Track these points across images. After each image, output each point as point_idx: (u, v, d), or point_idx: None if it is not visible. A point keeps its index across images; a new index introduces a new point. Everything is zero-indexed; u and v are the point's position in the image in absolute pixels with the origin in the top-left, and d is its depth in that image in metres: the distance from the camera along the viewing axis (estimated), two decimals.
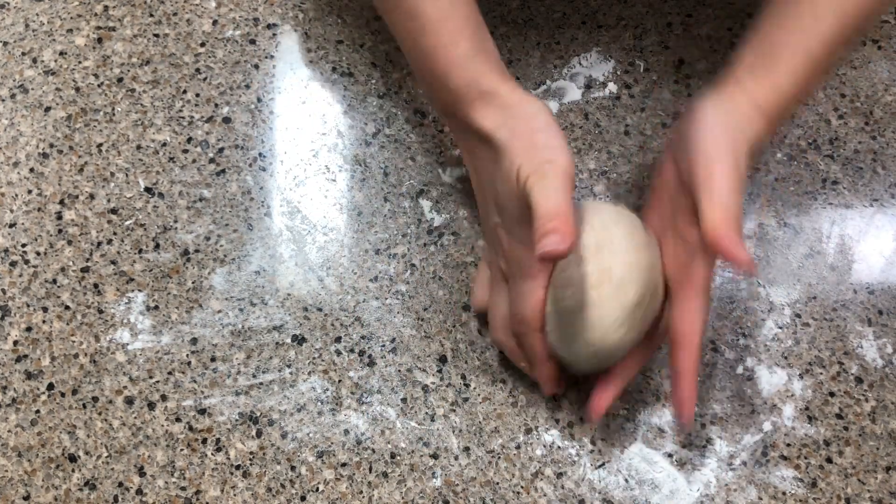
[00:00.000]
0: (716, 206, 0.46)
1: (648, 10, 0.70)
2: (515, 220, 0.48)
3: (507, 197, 0.48)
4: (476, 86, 0.49)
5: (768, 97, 0.50)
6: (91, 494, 0.53)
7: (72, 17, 0.68)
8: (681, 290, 0.50)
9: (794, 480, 0.55)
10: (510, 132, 0.48)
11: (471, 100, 0.49)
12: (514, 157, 0.47)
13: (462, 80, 0.50)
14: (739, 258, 0.45)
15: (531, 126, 0.48)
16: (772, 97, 0.50)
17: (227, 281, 0.59)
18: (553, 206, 0.45)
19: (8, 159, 0.62)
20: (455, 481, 0.54)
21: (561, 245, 0.44)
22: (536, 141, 0.48)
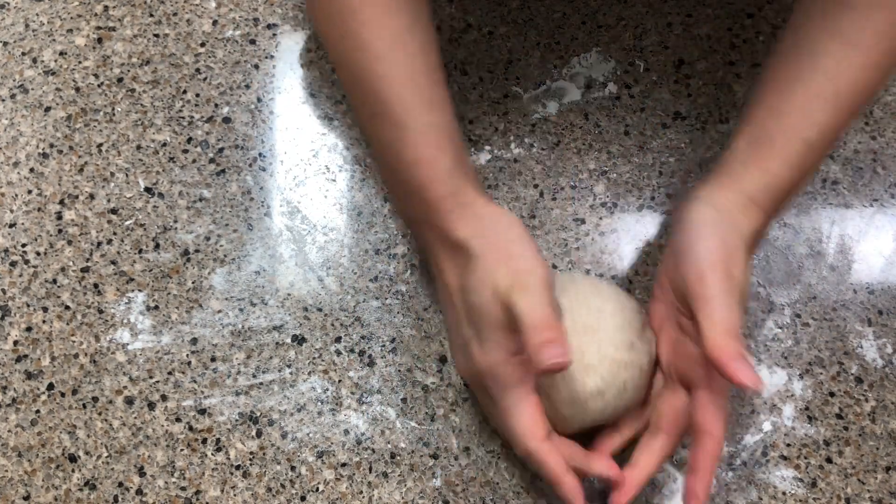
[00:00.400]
0: (713, 325, 0.45)
1: (648, 10, 0.70)
2: (491, 329, 0.47)
3: (482, 306, 0.47)
4: (454, 198, 0.49)
5: (762, 189, 0.49)
6: (91, 494, 0.53)
7: (72, 17, 0.68)
8: (702, 386, 0.48)
9: (794, 480, 0.55)
10: (486, 242, 0.48)
11: (447, 211, 0.49)
12: (490, 266, 0.47)
13: (441, 193, 0.49)
14: (744, 382, 0.43)
15: (506, 237, 0.48)
16: (766, 188, 0.49)
17: (227, 281, 0.59)
18: (542, 317, 0.44)
19: (8, 159, 0.62)
20: (455, 481, 0.54)
21: (564, 358, 0.43)
22: (512, 251, 0.47)
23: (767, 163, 0.49)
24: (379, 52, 0.49)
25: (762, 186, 0.49)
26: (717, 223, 0.48)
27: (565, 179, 0.63)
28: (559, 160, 0.64)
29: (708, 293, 0.45)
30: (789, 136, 0.49)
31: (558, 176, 0.63)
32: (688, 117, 0.66)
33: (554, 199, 0.62)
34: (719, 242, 0.47)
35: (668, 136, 0.65)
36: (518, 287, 0.45)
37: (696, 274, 0.46)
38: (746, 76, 0.67)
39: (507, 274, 0.46)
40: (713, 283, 0.46)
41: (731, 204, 0.48)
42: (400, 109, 0.49)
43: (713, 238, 0.47)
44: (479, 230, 0.48)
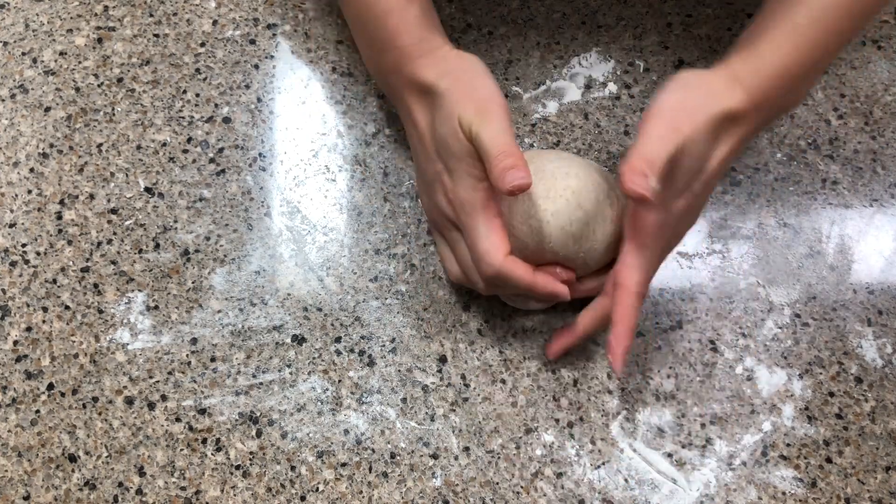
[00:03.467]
0: (631, 151, 0.47)
1: (648, 10, 0.70)
2: (457, 159, 0.51)
3: (449, 138, 0.51)
4: (422, 44, 0.53)
5: (748, 68, 0.50)
6: (91, 494, 0.53)
7: (72, 17, 0.68)
8: (627, 241, 0.51)
9: (793, 480, 0.55)
10: (451, 80, 0.52)
11: (416, 56, 0.53)
12: (455, 100, 0.51)
13: (409, 40, 0.54)
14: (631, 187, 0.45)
15: (470, 74, 0.52)
16: (752, 68, 0.50)
17: (227, 281, 0.59)
18: (504, 143, 0.48)
19: (8, 159, 0.62)
20: (455, 481, 0.54)
21: (526, 179, 0.47)
22: (476, 86, 0.51)
23: (756, 46, 0.51)
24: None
25: (747, 66, 0.50)
26: (687, 86, 0.50)
27: None
28: None
29: (645, 131, 0.48)
30: (777, 20, 0.51)
31: None
32: None
33: None
34: (678, 99, 0.49)
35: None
36: (480, 116, 0.49)
37: (645, 118, 0.49)
38: None
39: (471, 105, 0.50)
40: (653, 125, 0.48)
41: (713, 80, 0.50)
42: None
43: (677, 95, 0.49)
44: (445, 71, 0.52)
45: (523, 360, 0.58)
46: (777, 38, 0.50)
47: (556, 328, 0.57)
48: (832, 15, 0.50)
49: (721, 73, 0.50)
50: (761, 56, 0.50)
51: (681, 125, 0.48)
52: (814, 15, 0.50)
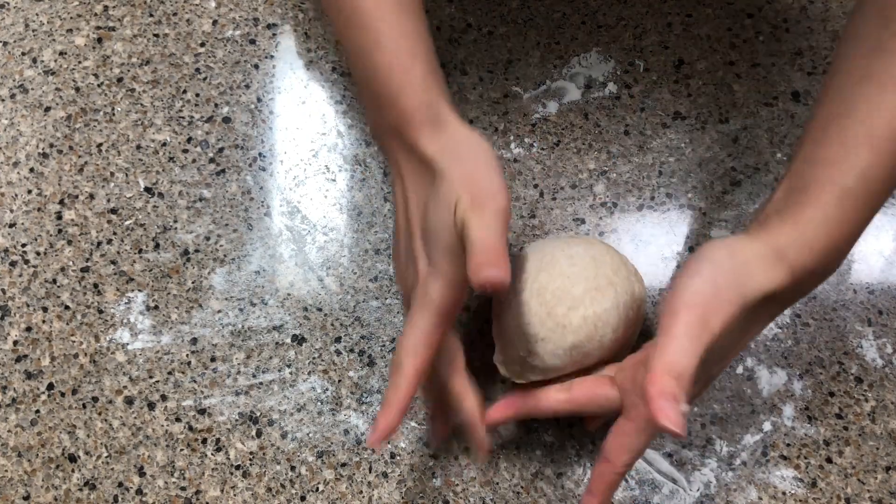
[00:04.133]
0: (661, 360, 0.42)
1: (648, 10, 0.70)
2: (441, 250, 0.46)
3: (439, 224, 0.46)
4: (426, 110, 0.48)
5: (793, 242, 0.44)
6: (91, 494, 0.53)
7: (72, 17, 0.68)
8: (626, 413, 0.47)
9: (794, 480, 0.55)
10: (454, 161, 0.47)
11: (419, 123, 0.48)
12: (454, 185, 0.46)
13: (413, 102, 0.48)
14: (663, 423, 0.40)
15: (475, 161, 0.47)
16: (798, 242, 0.44)
17: (227, 281, 0.59)
18: (491, 241, 0.43)
19: (8, 159, 0.62)
20: (455, 481, 0.54)
21: (502, 277, 0.42)
22: (478, 176, 0.46)
23: (801, 214, 0.44)
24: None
25: (793, 239, 0.44)
26: (722, 269, 0.44)
27: (565, 179, 0.63)
28: (559, 160, 0.64)
29: (672, 331, 0.42)
30: (824, 184, 0.44)
31: (558, 176, 0.63)
32: (688, 117, 0.66)
33: (554, 199, 0.62)
34: (712, 288, 0.43)
35: (668, 136, 0.65)
36: (475, 208, 0.44)
37: (671, 309, 0.43)
38: (746, 76, 0.67)
39: (468, 195, 0.44)
40: (681, 324, 0.42)
41: (752, 255, 0.44)
42: (375, 15, 0.49)
43: (708, 281, 0.43)
44: (448, 148, 0.47)
45: None
46: (826, 206, 0.44)
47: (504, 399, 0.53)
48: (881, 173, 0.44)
49: (760, 247, 0.44)
50: (809, 226, 0.44)
51: (711, 321, 0.42)
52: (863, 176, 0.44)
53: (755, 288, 0.43)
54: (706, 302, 0.42)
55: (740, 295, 0.43)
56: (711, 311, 0.42)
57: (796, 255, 0.44)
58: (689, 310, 0.42)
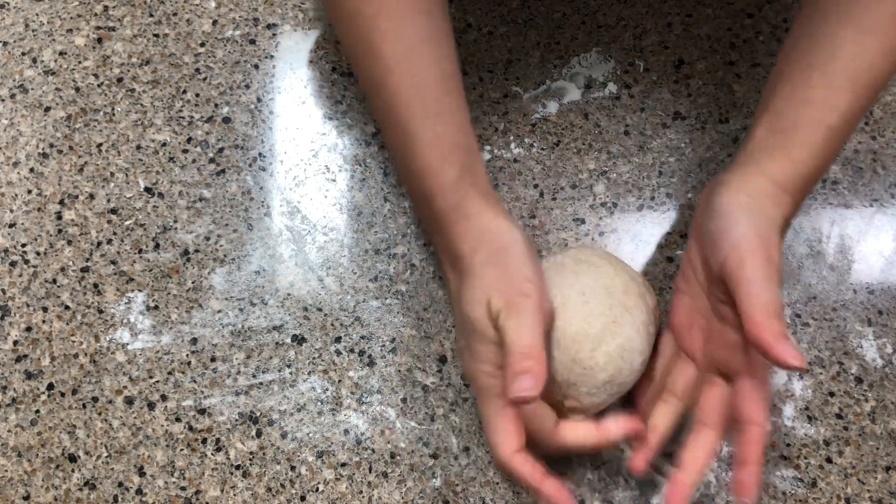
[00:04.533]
0: (756, 307, 0.44)
1: (648, 10, 0.70)
2: (480, 342, 0.48)
3: (475, 320, 0.48)
4: (457, 211, 0.50)
5: (788, 175, 0.49)
6: (91, 494, 0.53)
7: (72, 17, 0.68)
8: (744, 374, 0.49)
9: (794, 480, 0.55)
10: (485, 258, 0.48)
11: (451, 223, 0.50)
12: (486, 284, 0.47)
13: (445, 205, 0.50)
14: (789, 361, 0.43)
15: (507, 254, 0.48)
16: (792, 175, 0.49)
17: (227, 281, 0.59)
18: (527, 344, 0.45)
19: (8, 159, 0.62)
20: (455, 481, 0.54)
21: (533, 391, 0.44)
22: (511, 270, 0.48)
23: (792, 151, 0.49)
24: (391, 63, 0.49)
25: (789, 174, 0.49)
26: (751, 209, 0.48)
27: (565, 179, 0.63)
28: (559, 160, 0.64)
29: (750, 276, 0.45)
30: (812, 124, 0.49)
31: (558, 176, 0.63)
32: (688, 117, 0.66)
33: (554, 199, 0.62)
34: (755, 227, 0.47)
35: (668, 136, 0.65)
36: (509, 310, 0.46)
37: (737, 259, 0.46)
38: (746, 76, 0.67)
39: (501, 295, 0.47)
40: (755, 267, 0.45)
41: (760, 191, 0.49)
42: (408, 119, 0.50)
43: (749, 223, 0.47)
44: (479, 245, 0.49)
45: None
46: (815, 145, 0.49)
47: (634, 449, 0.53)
48: (859, 112, 0.50)
49: (767, 184, 0.49)
50: (801, 163, 0.49)
51: (772, 255, 0.46)
52: (846, 116, 0.49)
53: (776, 218, 0.48)
54: (761, 243, 0.46)
55: (775, 227, 0.48)
56: (768, 248, 0.46)
57: (794, 187, 0.49)
58: (754, 254, 0.46)
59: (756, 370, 0.48)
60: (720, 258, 0.47)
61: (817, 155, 0.49)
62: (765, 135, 0.51)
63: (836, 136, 0.49)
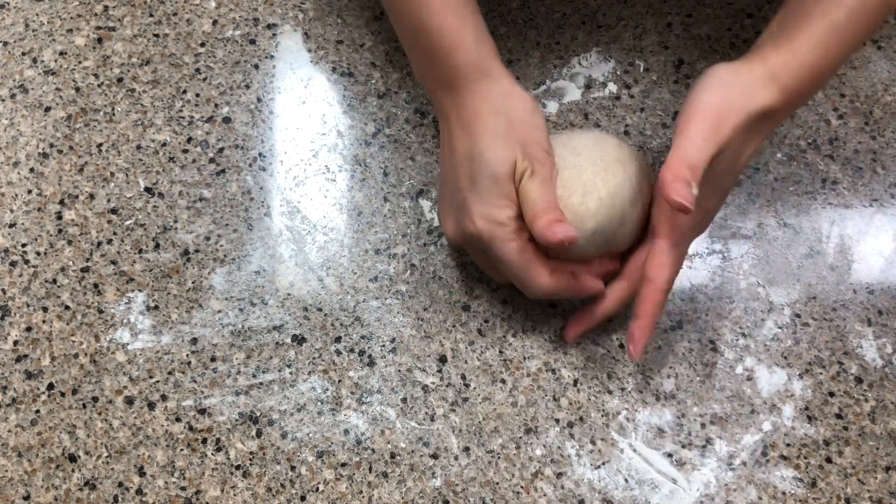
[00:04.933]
0: (675, 154, 0.47)
1: (648, 10, 0.70)
2: (497, 196, 0.51)
3: (497, 176, 0.51)
4: (480, 67, 0.52)
5: (784, 65, 0.50)
6: (91, 494, 0.53)
7: (72, 17, 0.68)
8: (658, 236, 0.51)
9: (793, 480, 0.55)
10: (508, 122, 0.51)
11: (473, 79, 0.52)
12: (509, 147, 0.51)
13: (467, 60, 0.52)
14: (670, 193, 0.46)
15: (526, 122, 0.52)
16: (789, 65, 0.50)
17: (227, 281, 0.59)
18: (550, 199, 0.50)
19: (8, 159, 0.62)
20: (455, 481, 0.54)
21: (572, 234, 0.49)
22: (533, 136, 0.51)
23: (792, 42, 0.50)
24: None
25: (784, 63, 0.50)
26: (728, 84, 0.49)
27: None
28: None
29: (687, 132, 0.48)
30: (816, 16, 0.50)
31: None
32: None
33: None
34: (721, 99, 0.49)
35: (668, 136, 0.65)
36: (530, 173, 0.50)
37: (686, 117, 0.49)
38: None
39: (524, 158, 0.50)
40: (695, 125, 0.48)
41: (750, 74, 0.50)
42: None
43: (717, 93, 0.49)
44: (502, 108, 0.52)
45: (523, 360, 0.58)
46: (815, 36, 0.50)
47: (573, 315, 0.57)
48: (864, 15, 0.50)
49: (758, 69, 0.50)
50: (799, 53, 0.50)
51: (721, 126, 0.48)
52: (851, 14, 0.50)
53: (754, 104, 0.49)
54: (717, 111, 0.48)
55: (745, 107, 0.49)
56: (722, 118, 0.48)
57: (787, 77, 0.50)
58: (703, 117, 0.48)
59: (672, 233, 0.51)
60: (678, 117, 0.50)
61: (816, 48, 0.50)
62: (774, 30, 0.52)
63: (838, 32, 0.50)
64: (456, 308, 0.59)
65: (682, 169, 0.47)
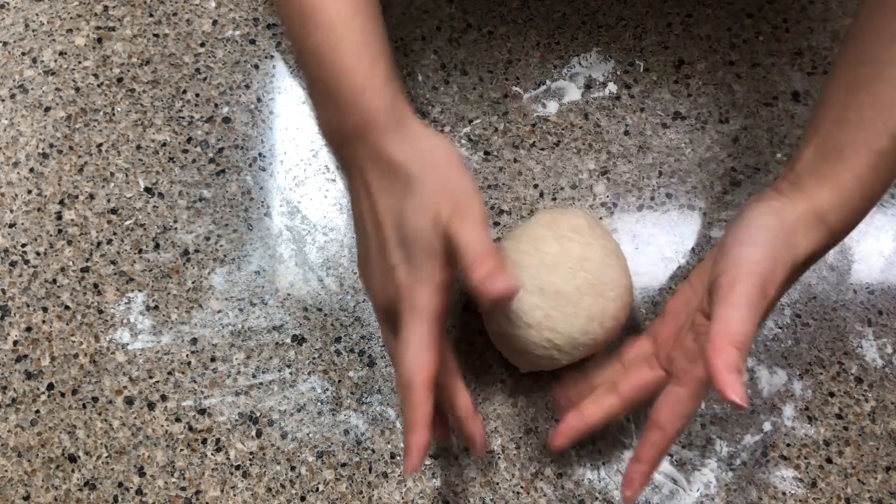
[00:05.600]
0: (725, 331, 0.43)
1: (648, 10, 0.70)
2: (425, 256, 0.45)
3: (419, 231, 0.45)
4: (391, 112, 0.47)
5: (833, 205, 0.46)
6: (91, 494, 0.53)
7: (72, 17, 0.68)
8: (678, 379, 0.48)
9: (794, 480, 0.55)
10: (426, 168, 0.46)
11: (384, 126, 0.47)
12: (430, 194, 0.45)
13: (378, 103, 0.47)
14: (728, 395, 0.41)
15: (447, 168, 0.46)
16: (837, 205, 0.46)
17: (227, 281, 0.59)
18: (485, 249, 0.44)
19: (8, 159, 0.62)
20: (455, 481, 0.54)
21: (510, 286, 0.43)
22: (453, 184, 0.46)
23: (839, 177, 0.46)
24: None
25: (833, 202, 0.46)
26: (776, 236, 0.45)
27: (565, 179, 0.63)
28: (559, 160, 0.64)
29: (734, 301, 0.43)
30: (859, 147, 0.46)
31: (558, 176, 0.63)
32: (688, 117, 0.66)
33: (554, 199, 0.62)
34: (770, 256, 0.45)
35: (668, 136, 0.65)
36: (458, 218, 0.44)
37: (731, 277, 0.44)
38: (746, 76, 0.67)
39: (448, 204, 0.45)
40: (742, 293, 0.43)
41: (797, 219, 0.46)
42: (333, 15, 0.47)
43: (765, 249, 0.45)
44: (418, 154, 0.46)
45: None
46: (862, 169, 0.46)
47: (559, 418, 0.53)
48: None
49: (802, 209, 0.46)
50: (846, 190, 0.46)
51: (768, 287, 0.44)
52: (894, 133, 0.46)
53: (801, 253, 0.45)
54: (765, 271, 0.44)
55: (792, 259, 0.45)
56: (769, 279, 0.44)
57: (835, 218, 0.46)
58: (749, 279, 0.44)
59: (692, 385, 0.47)
60: (719, 270, 0.45)
61: (864, 184, 0.46)
62: (811, 158, 0.48)
63: (885, 160, 0.46)
64: (456, 308, 0.59)
65: (732, 353, 0.42)
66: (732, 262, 0.45)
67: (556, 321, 0.50)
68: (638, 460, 0.48)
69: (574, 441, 0.51)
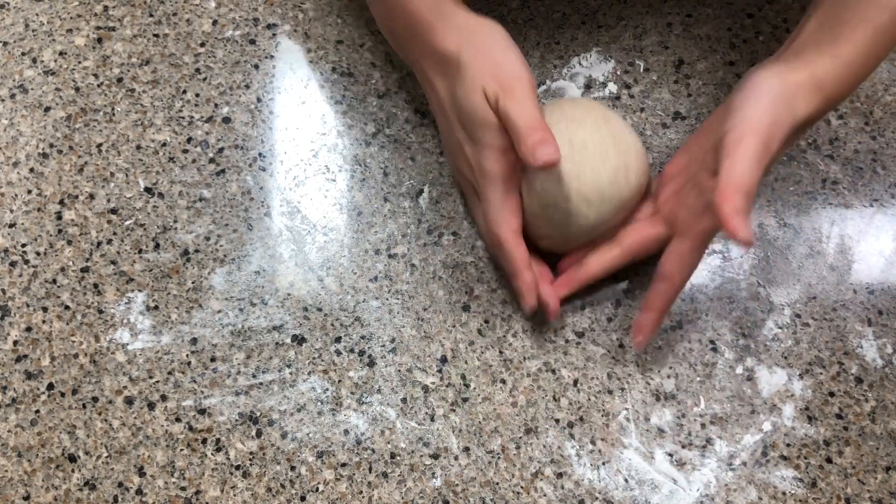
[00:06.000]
0: (731, 180, 0.47)
1: (648, 10, 0.70)
2: (482, 131, 0.51)
3: (473, 110, 0.51)
4: (437, 10, 0.52)
5: (832, 73, 0.49)
6: (91, 494, 0.53)
7: (72, 17, 0.68)
8: (681, 233, 0.52)
9: (794, 480, 0.55)
10: (473, 51, 0.51)
11: (432, 23, 0.52)
12: (478, 73, 0.50)
13: (424, 5, 0.53)
14: (737, 234, 0.45)
15: (491, 46, 0.51)
16: (835, 73, 0.49)
17: (227, 281, 0.59)
18: (532, 120, 0.49)
19: (8, 159, 0.62)
20: (455, 481, 0.54)
21: (556, 154, 0.48)
22: (498, 59, 0.51)
23: (839, 48, 0.49)
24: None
25: (831, 72, 0.49)
26: (778, 96, 0.48)
27: None
28: None
29: (739, 153, 0.47)
30: (860, 22, 0.49)
31: None
32: (688, 117, 0.66)
33: None
34: (772, 114, 0.48)
35: (668, 136, 0.65)
36: (506, 93, 0.49)
37: (738, 133, 0.48)
38: None
39: (495, 80, 0.50)
40: (748, 147, 0.47)
41: (797, 83, 0.49)
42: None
43: (768, 108, 0.48)
44: (465, 40, 0.52)
45: (523, 360, 0.58)
46: (860, 41, 0.49)
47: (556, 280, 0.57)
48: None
49: (803, 75, 0.49)
50: (844, 60, 0.49)
51: (771, 143, 0.48)
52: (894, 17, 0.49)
53: (800, 115, 0.49)
54: (768, 128, 0.47)
55: (792, 119, 0.48)
56: (772, 135, 0.48)
57: (832, 87, 0.49)
58: (755, 135, 0.47)
59: (696, 238, 0.51)
60: (727, 128, 0.48)
61: (863, 55, 0.49)
62: (814, 29, 0.51)
63: (883, 36, 0.49)
64: (456, 308, 0.59)
65: (739, 199, 0.46)
66: (738, 121, 0.48)
67: (583, 171, 0.53)
68: (647, 309, 0.53)
69: (572, 291, 0.56)
